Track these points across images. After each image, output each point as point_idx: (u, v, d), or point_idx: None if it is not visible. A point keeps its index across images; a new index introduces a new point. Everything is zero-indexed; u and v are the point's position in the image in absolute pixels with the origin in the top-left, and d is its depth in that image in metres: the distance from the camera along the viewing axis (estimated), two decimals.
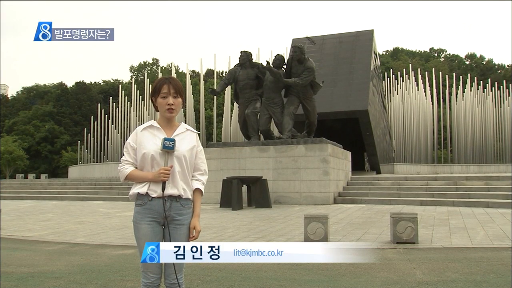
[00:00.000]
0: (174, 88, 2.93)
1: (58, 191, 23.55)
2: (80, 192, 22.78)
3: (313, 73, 17.08)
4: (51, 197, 21.73)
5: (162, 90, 2.93)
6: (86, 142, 45.87)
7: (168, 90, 2.92)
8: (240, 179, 14.91)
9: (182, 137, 2.97)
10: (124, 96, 42.11)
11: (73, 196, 21.67)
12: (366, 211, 13.13)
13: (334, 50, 26.84)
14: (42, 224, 11.17)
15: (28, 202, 19.66)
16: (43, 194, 22.93)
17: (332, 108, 23.87)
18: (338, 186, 17.35)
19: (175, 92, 2.93)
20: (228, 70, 20.15)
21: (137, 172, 2.91)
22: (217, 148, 17.98)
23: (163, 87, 2.93)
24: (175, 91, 2.93)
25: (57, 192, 23.07)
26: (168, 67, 75.95)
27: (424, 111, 38.36)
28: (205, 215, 12.29)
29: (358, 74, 24.94)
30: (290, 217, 11.80)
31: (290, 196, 16.37)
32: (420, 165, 34.78)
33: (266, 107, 17.71)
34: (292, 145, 16.73)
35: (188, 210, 2.94)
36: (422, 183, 17.91)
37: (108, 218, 12.48)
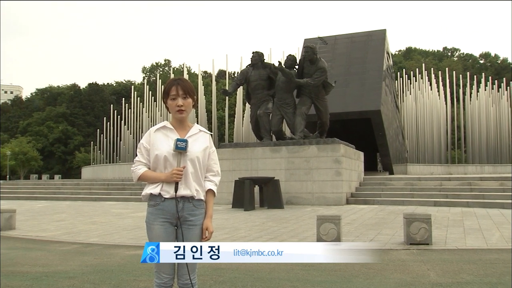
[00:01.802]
0: (182, 89, 2.94)
1: (71, 191, 23.78)
2: (93, 192, 22.98)
3: (325, 73, 17.02)
4: (65, 198, 21.96)
5: (171, 92, 2.94)
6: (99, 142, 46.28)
7: (176, 92, 2.93)
8: (252, 180, 14.91)
9: (195, 138, 2.98)
10: (136, 97, 42.42)
11: (86, 196, 21.87)
12: (379, 212, 13.05)
13: (346, 50, 26.72)
14: (56, 224, 11.28)
15: (42, 203, 19.89)
16: (56, 194, 23.19)
17: (344, 108, 23.77)
18: (350, 187, 17.27)
19: (184, 93, 2.94)
20: (240, 71, 20.19)
21: (150, 173, 2.92)
22: (229, 148, 18.01)
23: (172, 89, 2.94)
24: (184, 92, 2.94)
25: (71, 193, 23.30)
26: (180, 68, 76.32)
27: (438, 111, 38.02)
28: (218, 216, 12.32)
29: (371, 74, 24.80)
30: (302, 218, 11.78)
31: (302, 197, 16.33)
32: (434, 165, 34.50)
33: (278, 107, 17.69)
34: (304, 146, 16.68)
35: (200, 210, 2.95)
36: (435, 183, 17.74)
37: (121, 218, 12.56)
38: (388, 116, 25.96)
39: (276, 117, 17.76)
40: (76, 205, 18.05)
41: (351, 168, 17.69)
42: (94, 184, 25.98)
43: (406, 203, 15.36)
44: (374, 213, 12.88)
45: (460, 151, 43.41)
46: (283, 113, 17.67)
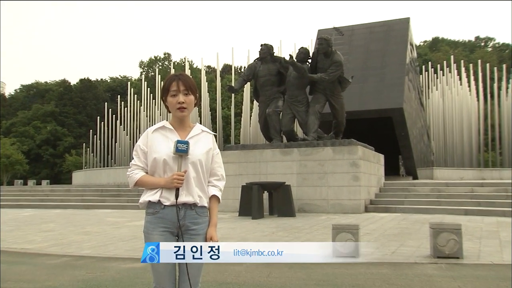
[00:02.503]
0: (184, 84, 2.96)
1: (61, 198, 23.93)
2: (85, 199, 23.12)
3: (341, 67, 17.02)
4: (53, 205, 22.10)
5: (171, 88, 2.96)
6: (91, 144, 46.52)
7: (177, 87, 2.95)
8: (260, 185, 14.93)
9: (197, 139, 3.00)
10: (133, 94, 42.62)
11: (77, 204, 22.00)
12: (402, 221, 13.02)
13: (364, 41, 26.68)
14: (43, 235, 11.35)
15: (28, 211, 20.02)
16: (44, 202, 23.32)
17: (362, 106, 23.72)
18: (369, 193, 17.23)
19: (186, 88, 2.96)
20: (247, 65, 20.23)
21: (148, 178, 2.94)
22: (235, 151, 18.05)
23: (172, 85, 2.96)
24: (185, 88, 2.96)
25: (60, 200, 23.45)
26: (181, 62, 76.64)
27: (468, 108, 37.75)
28: (223, 225, 12.34)
29: (392, 68, 24.73)
30: (316, 227, 11.78)
31: (316, 204, 16.32)
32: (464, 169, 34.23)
33: (289, 105, 17.70)
34: (318, 148, 16.68)
35: (204, 219, 2.97)
36: (466, 190, 17.65)
37: (116, 228, 12.64)
38: (412, 115, 25.87)
39: (287, 116, 17.77)
40: (66, 214, 18.17)
41: (370, 172, 17.65)
42: (86, 190, 26.14)
43: (432, 211, 15.29)
44: (396, 222, 12.84)
45: (494, 153, 43.06)
46: (294, 111, 17.68)
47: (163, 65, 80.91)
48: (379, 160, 19.57)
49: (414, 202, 16.60)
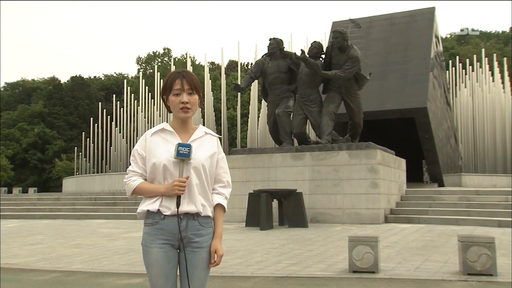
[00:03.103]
0: (188, 83, 2.98)
1: (49, 208, 24.01)
2: (76, 209, 23.23)
3: (358, 63, 17.01)
4: (41, 216, 22.18)
5: (174, 87, 2.97)
6: (84, 148, 46.73)
7: (181, 86, 2.97)
8: (269, 193, 14.94)
9: (200, 142, 3.01)
10: (130, 93, 42.81)
11: (68, 213, 22.10)
12: (426, 233, 12.97)
13: (384, 34, 26.65)
14: (30, 249, 11.39)
15: (13, 222, 20.07)
16: (31, 211, 23.41)
17: (381, 106, 23.68)
18: (389, 202, 17.18)
19: (190, 87, 2.98)
20: (255, 62, 20.29)
21: (146, 185, 2.96)
22: (242, 155, 18.08)
23: (175, 83, 2.97)
24: (189, 87, 2.98)
25: (49, 209, 23.54)
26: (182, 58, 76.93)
27: (502, 107, 37.52)
28: (228, 236, 12.36)
29: (415, 63, 24.68)
30: (331, 239, 11.76)
31: (330, 213, 16.31)
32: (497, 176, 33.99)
33: (301, 105, 17.72)
34: (333, 151, 16.67)
35: (208, 230, 2.98)
36: (499, 198, 17.55)
37: (111, 240, 12.68)
38: (437, 115, 25.78)
39: (298, 117, 17.78)
40: (55, 225, 18.25)
41: (390, 178, 17.61)
42: (78, 198, 26.25)
43: (461, 222, 15.22)
44: (420, 234, 12.80)
45: None
46: (306, 112, 17.69)
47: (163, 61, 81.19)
48: (400, 165, 19.51)
49: (440, 212, 16.53)
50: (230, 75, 62.19)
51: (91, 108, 70.29)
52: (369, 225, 15.25)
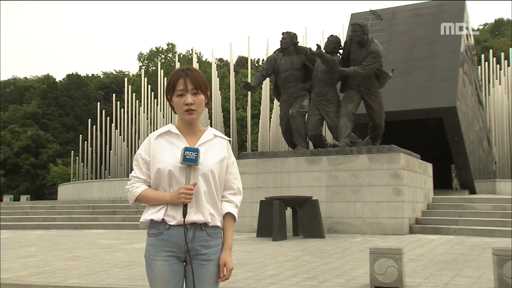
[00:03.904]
0: (192, 82, 3.00)
1: (44, 217, 24.12)
2: (73, 218, 23.34)
3: (379, 58, 16.98)
4: (35, 226, 22.29)
5: (177, 87, 3.00)
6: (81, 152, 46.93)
7: (184, 86, 2.99)
8: (282, 200, 14.94)
9: (209, 146, 3.04)
10: (131, 92, 42.96)
11: (64, 223, 22.22)
12: (456, 245, 12.90)
13: (408, 26, 26.57)
14: (22, 262, 11.45)
15: (3, 233, 20.12)
16: (23, 221, 23.54)
17: (405, 105, 23.60)
18: (415, 210, 17.11)
19: (194, 87, 3.00)
20: (267, 58, 20.31)
21: (150, 192, 2.98)
22: (252, 159, 18.09)
23: (178, 82, 3.00)
24: (194, 86, 3.00)
25: (43, 219, 23.65)
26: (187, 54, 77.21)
27: None
28: (238, 247, 12.38)
29: (443, 58, 24.59)
30: (350, 251, 11.74)
31: (349, 223, 16.27)
32: None
33: (317, 105, 17.71)
34: (352, 155, 16.64)
35: (216, 241, 3.00)
36: None
37: (110, 252, 12.74)
38: (467, 115, 25.65)
39: (314, 118, 17.77)
40: (50, 235, 18.36)
41: (415, 185, 17.54)
42: (75, 206, 26.40)
43: (496, 233, 15.08)
44: (449, 246, 12.73)
45: None
46: (322, 112, 17.68)
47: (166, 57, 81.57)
48: (427, 170, 19.42)
49: (472, 222, 16.39)
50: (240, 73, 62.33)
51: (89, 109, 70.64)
52: (392, 236, 15.19)
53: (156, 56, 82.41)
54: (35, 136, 68.10)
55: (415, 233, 15.95)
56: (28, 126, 70.33)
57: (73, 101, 73.21)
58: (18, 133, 69.19)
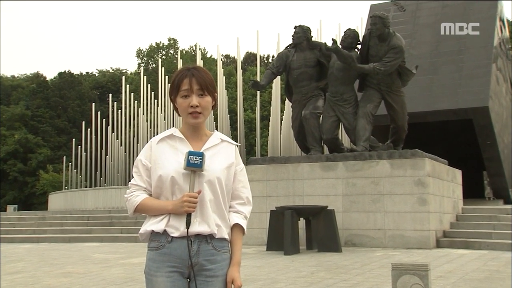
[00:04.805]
0: (198, 82, 3.00)
1: (33, 229, 24.18)
2: (65, 230, 23.40)
3: (402, 54, 16.96)
4: (23, 239, 22.35)
5: (181, 87, 3.01)
6: (74, 158, 47.10)
7: (189, 86, 2.99)
8: (295, 210, 14.95)
9: (216, 151, 3.05)
10: (129, 92, 43.07)
11: (55, 236, 22.27)
12: (490, 261, 12.82)
13: (435, 18, 26.51)
14: (9, 279, 11.45)
15: None
16: (10, 234, 23.56)
17: (431, 105, 23.54)
18: (442, 222, 17.06)
19: (200, 88, 3.00)
20: (277, 54, 20.33)
21: (151, 201, 3.00)
22: (261, 165, 18.10)
23: (183, 83, 3.01)
24: (199, 87, 3.00)
25: (32, 231, 23.73)
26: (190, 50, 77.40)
27: None
28: (247, 262, 12.38)
29: (473, 53, 24.50)
30: (369, 267, 11.71)
31: (368, 235, 16.24)
32: None
33: (332, 106, 17.70)
34: (371, 161, 16.62)
35: (223, 255, 3.01)
36: None
37: (106, 267, 12.76)
38: (501, 116, 25.55)
39: (330, 120, 17.77)
40: (40, 249, 18.41)
41: (443, 193, 17.49)
42: (67, 217, 26.46)
43: None
44: (482, 262, 12.66)
45: None
46: (339, 113, 17.67)
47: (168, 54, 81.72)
48: (455, 177, 19.35)
49: (507, 236, 16.24)
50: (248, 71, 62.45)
51: (82, 110, 70.86)
52: (417, 250, 15.14)
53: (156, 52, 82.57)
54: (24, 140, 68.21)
55: (442, 248, 15.89)
56: (15, 129, 70.42)
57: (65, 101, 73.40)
58: (5, 137, 69.14)
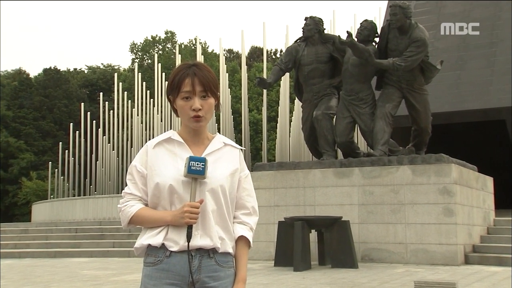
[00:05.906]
0: (201, 83, 3.00)
1: (14, 243, 24.21)
2: (51, 244, 23.39)
3: (425, 48, 16.92)
4: (3, 254, 22.19)
5: (182, 88, 3.00)
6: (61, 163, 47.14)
7: (192, 87, 2.99)
8: (306, 221, 14.94)
9: (218, 156, 3.06)
10: (122, 90, 43.04)
11: (39, 250, 22.25)
12: None
13: (462, 7, 26.49)
14: None
15: None
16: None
17: (458, 104, 23.51)
18: (471, 235, 17.01)
19: (203, 89, 3.00)
20: (286, 49, 20.34)
21: (148, 212, 3.00)
22: (269, 171, 18.10)
23: (184, 83, 3.00)
24: (203, 88, 3.00)
25: (13, 245, 23.73)
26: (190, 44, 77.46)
27: None
28: (253, 279, 12.38)
29: (506, 46, 24.44)
30: (389, 285, 11.70)
31: (388, 249, 16.21)
32: None
33: (347, 105, 17.69)
34: (391, 166, 16.60)
35: (227, 271, 3.02)
36: None
37: (96, 285, 12.79)
38: None
39: (344, 121, 17.76)
40: (22, 266, 18.45)
41: (472, 203, 17.45)
42: (53, 230, 26.49)
43: None
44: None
45: None
46: (354, 114, 17.65)
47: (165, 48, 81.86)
48: (486, 185, 19.29)
49: None
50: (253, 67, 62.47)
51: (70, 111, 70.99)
52: (443, 267, 15.10)
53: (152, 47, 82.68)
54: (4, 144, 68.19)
55: (472, 264, 15.82)
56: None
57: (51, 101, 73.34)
58: None
